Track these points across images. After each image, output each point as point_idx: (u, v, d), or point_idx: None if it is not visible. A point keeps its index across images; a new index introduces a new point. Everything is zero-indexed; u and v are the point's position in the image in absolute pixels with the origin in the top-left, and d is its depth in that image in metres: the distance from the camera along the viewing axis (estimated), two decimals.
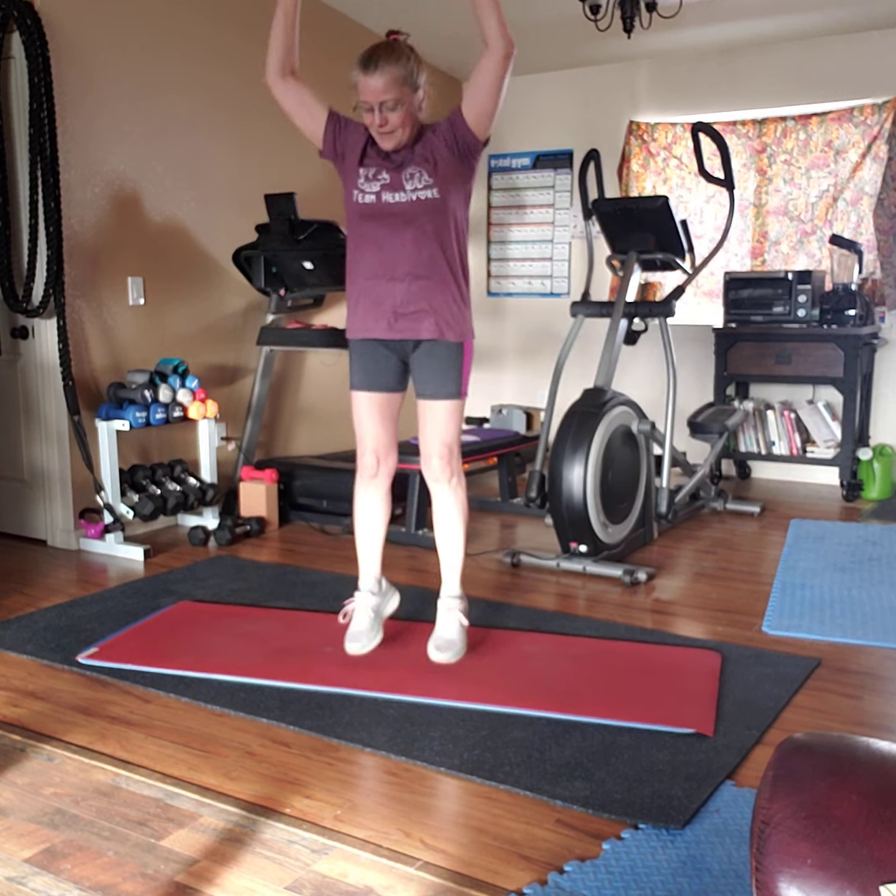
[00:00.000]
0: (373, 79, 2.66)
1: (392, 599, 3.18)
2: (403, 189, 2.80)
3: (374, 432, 3.01)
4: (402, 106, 2.69)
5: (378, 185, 2.83)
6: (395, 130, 2.72)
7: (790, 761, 1.24)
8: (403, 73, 2.68)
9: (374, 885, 1.95)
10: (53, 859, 2.03)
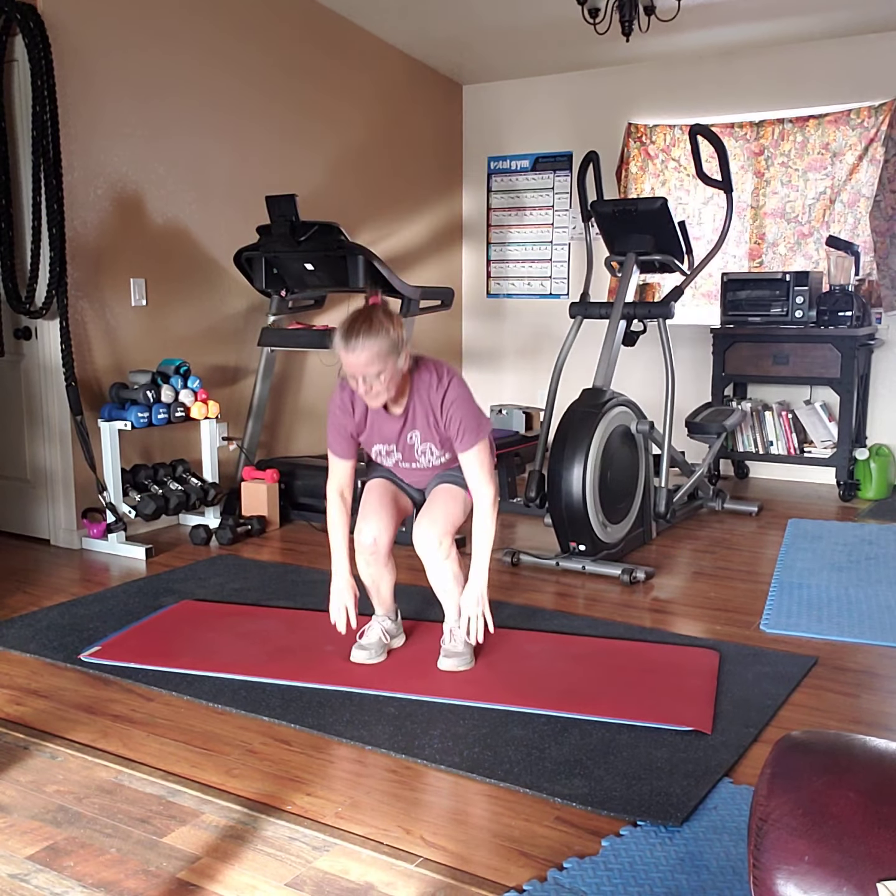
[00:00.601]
0: (354, 356, 2.72)
1: (400, 636, 3.22)
2: (417, 461, 3.03)
3: (377, 515, 3.02)
4: (385, 374, 2.75)
5: (392, 460, 3.06)
6: (381, 394, 2.80)
7: (788, 759, 1.24)
8: (384, 347, 2.72)
9: (375, 881, 1.96)
10: (56, 856, 2.05)
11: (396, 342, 2.73)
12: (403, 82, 6.17)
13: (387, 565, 3.07)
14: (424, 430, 2.92)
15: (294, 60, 5.35)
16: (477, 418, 2.89)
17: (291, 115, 5.37)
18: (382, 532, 3.00)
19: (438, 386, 2.86)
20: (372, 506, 3.04)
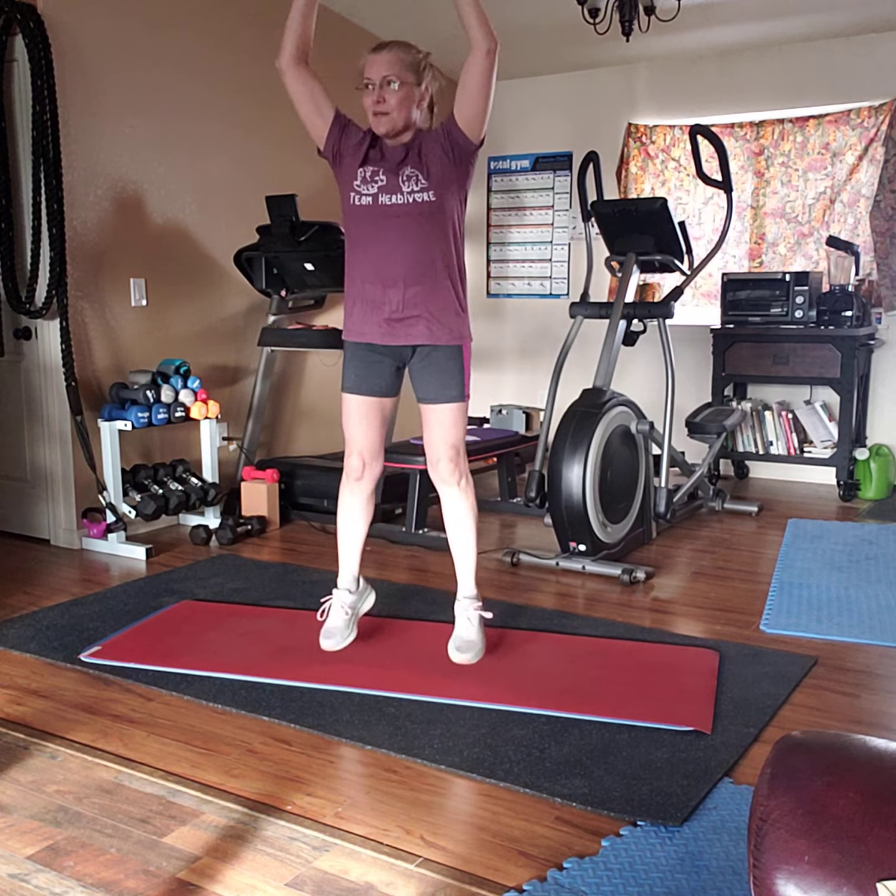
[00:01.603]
0: (380, 55, 2.74)
1: (368, 598, 3.20)
2: (400, 191, 2.81)
3: (361, 435, 3.02)
4: (401, 88, 2.72)
5: (375, 187, 2.84)
6: (391, 112, 2.74)
7: (788, 759, 1.24)
8: (410, 59, 2.75)
9: (375, 881, 1.96)
10: (56, 856, 2.05)
11: (422, 66, 2.76)
12: None
13: (369, 501, 3.07)
14: (417, 163, 2.82)
15: None
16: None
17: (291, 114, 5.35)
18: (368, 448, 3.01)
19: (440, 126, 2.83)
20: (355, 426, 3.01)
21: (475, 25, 2.64)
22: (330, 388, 5.73)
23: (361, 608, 3.15)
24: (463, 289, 2.95)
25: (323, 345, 4.88)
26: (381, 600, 3.50)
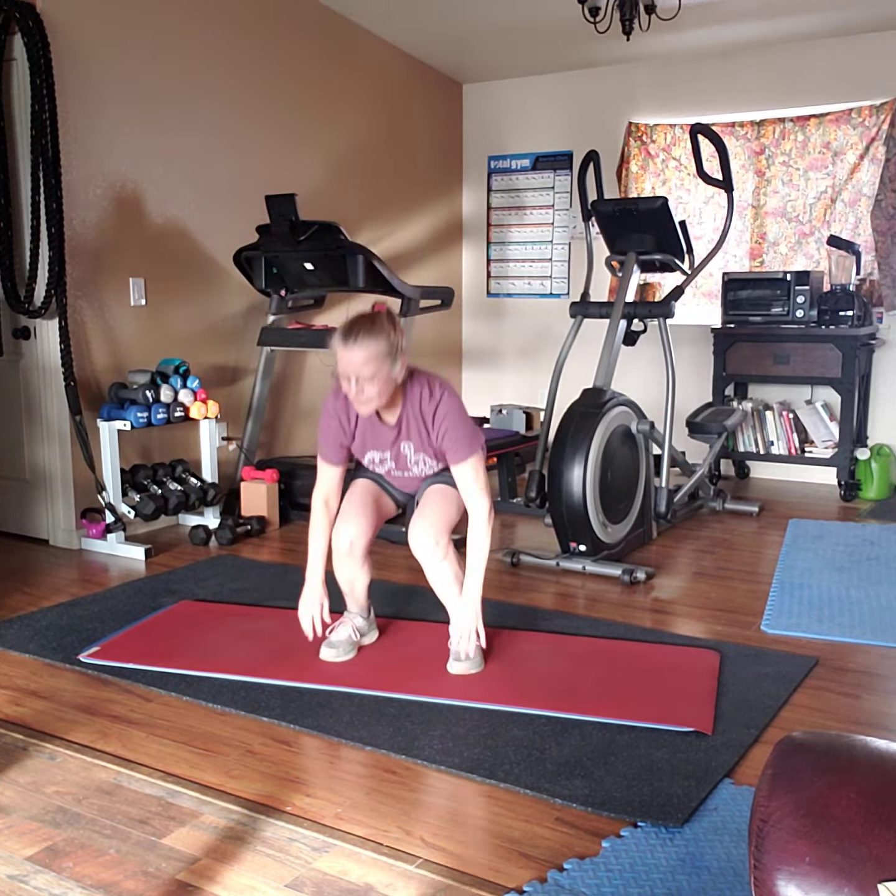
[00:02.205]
0: (352, 353, 2.73)
1: (372, 633, 3.23)
2: (410, 470, 3.04)
3: (356, 518, 3.03)
4: (379, 378, 2.76)
5: (385, 468, 3.07)
6: (372, 400, 2.80)
7: (788, 760, 1.24)
8: (382, 349, 2.74)
9: (375, 882, 1.96)
10: (55, 857, 2.04)
11: (394, 348, 2.75)
12: (403, 81, 6.17)
13: (363, 567, 3.08)
14: (417, 442, 2.94)
15: (294, 60, 5.35)
16: (469, 430, 2.89)
17: (291, 114, 5.37)
18: (360, 536, 3.01)
19: (430, 399, 2.87)
20: (352, 508, 3.05)
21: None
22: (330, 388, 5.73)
23: (365, 638, 3.19)
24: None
25: (323, 344, 4.87)
26: (381, 600, 3.51)
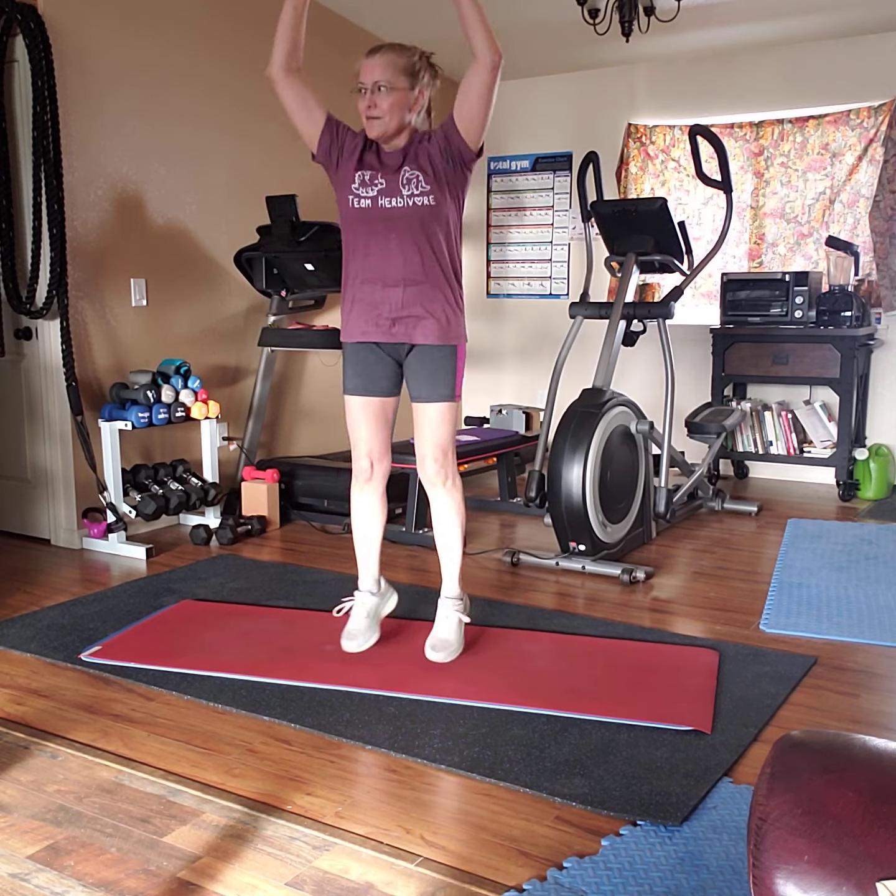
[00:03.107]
0: (372, 59, 2.75)
1: (390, 600, 3.22)
2: (400, 194, 2.83)
3: (367, 436, 3.04)
4: (393, 92, 2.73)
5: (374, 190, 2.86)
6: (383, 116, 2.75)
7: (787, 758, 1.24)
8: (403, 63, 2.74)
9: (375, 881, 1.97)
10: (57, 856, 2.05)
11: (416, 71, 2.75)
12: None
13: (381, 500, 3.09)
14: (415, 166, 2.83)
15: None
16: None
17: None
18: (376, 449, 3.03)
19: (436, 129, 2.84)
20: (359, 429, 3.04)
21: (481, 40, 2.64)
22: (330, 388, 5.74)
23: (383, 610, 3.19)
24: (460, 291, 2.98)
25: (323, 345, 4.88)
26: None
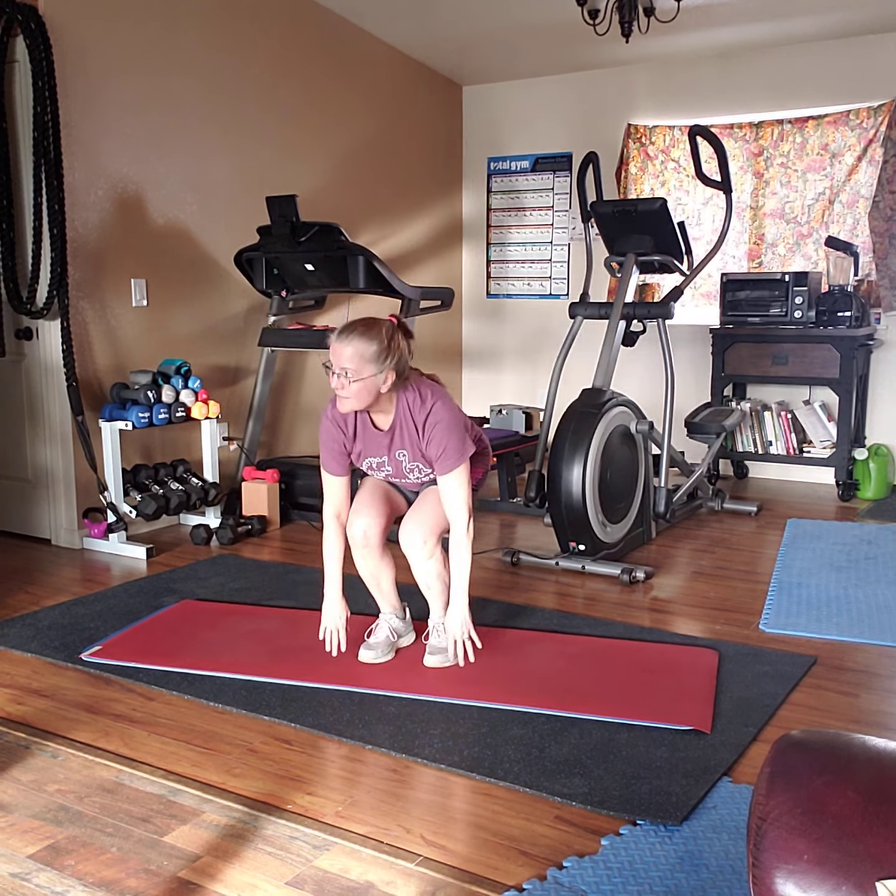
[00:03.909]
0: (341, 347, 2.78)
1: (409, 634, 3.23)
2: (407, 478, 3.05)
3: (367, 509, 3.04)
4: (359, 380, 2.78)
5: (383, 474, 3.08)
6: (350, 398, 2.82)
7: (787, 758, 1.25)
8: (370, 352, 2.76)
9: (375, 880, 1.97)
10: (57, 855, 2.05)
11: (383, 357, 2.77)
12: (403, 83, 6.18)
13: (382, 559, 3.08)
14: (410, 450, 2.95)
15: (295, 62, 5.36)
16: (458, 443, 2.88)
17: (291, 115, 5.37)
18: (372, 525, 3.01)
19: (421, 408, 2.88)
20: (363, 500, 3.06)
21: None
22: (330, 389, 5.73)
23: (402, 640, 3.19)
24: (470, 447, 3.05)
25: (323, 345, 4.86)
26: None
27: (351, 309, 5.69)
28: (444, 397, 2.93)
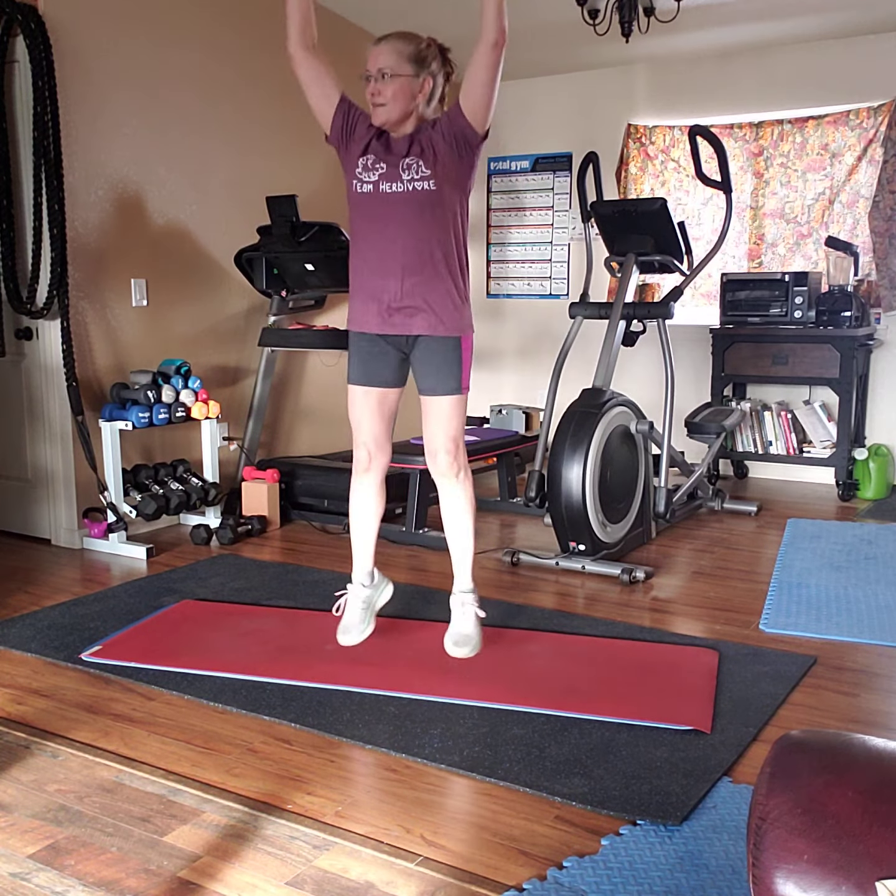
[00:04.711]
0: (378, 47, 2.75)
1: (385, 591, 3.20)
2: (400, 179, 2.80)
3: (367, 427, 3.03)
4: (396, 79, 2.72)
5: (375, 175, 2.83)
6: (386, 104, 2.75)
7: (787, 758, 1.25)
8: (410, 50, 2.74)
9: (375, 880, 1.97)
10: (57, 855, 2.05)
11: (422, 58, 2.75)
12: None
13: (379, 491, 3.09)
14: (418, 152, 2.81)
15: None
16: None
17: (292, 115, 5.37)
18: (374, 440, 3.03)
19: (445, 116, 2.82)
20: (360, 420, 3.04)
21: (492, 16, 2.70)
22: (330, 388, 5.75)
23: (378, 601, 3.17)
24: (465, 281, 2.95)
25: (323, 345, 4.88)
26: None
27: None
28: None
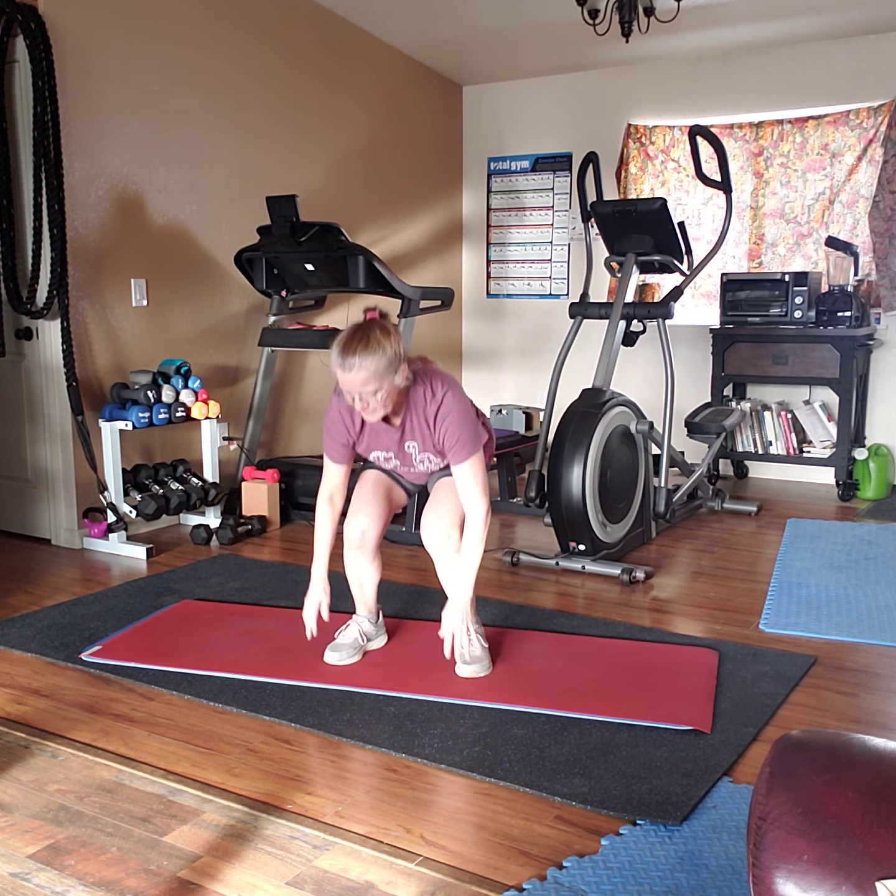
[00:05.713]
0: (350, 375, 2.68)
1: (380, 637, 3.21)
2: (416, 468, 3.03)
3: (367, 509, 3.04)
4: (381, 392, 2.72)
5: (391, 466, 3.06)
6: (377, 410, 2.78)
7: (787, 758, 1.25)
8: (381, 365, 2.68)
9: (375, 880, 1.97)
10: (57, 855, 2.05)
11: (393, 360, 2.69)
12: (404, 83, 6.18)
13: (373, 562, 3.08)
14: (421, 442, 2.93)
15: (295, 63, 5.36)
16: (470, 431, 2.86)
17: (292, 115, 5.37)
18: (371, 526, 3.01)
19: (432, 401, 2.84)
20: (363, 498, 3.05)
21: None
22: (330, 388, 5.74)
23: (372, 643, 3.18)
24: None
25: (323, 345, 4.87)
26: (382, 599, 3.50)
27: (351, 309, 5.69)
28: (454, 387, 2.89)
